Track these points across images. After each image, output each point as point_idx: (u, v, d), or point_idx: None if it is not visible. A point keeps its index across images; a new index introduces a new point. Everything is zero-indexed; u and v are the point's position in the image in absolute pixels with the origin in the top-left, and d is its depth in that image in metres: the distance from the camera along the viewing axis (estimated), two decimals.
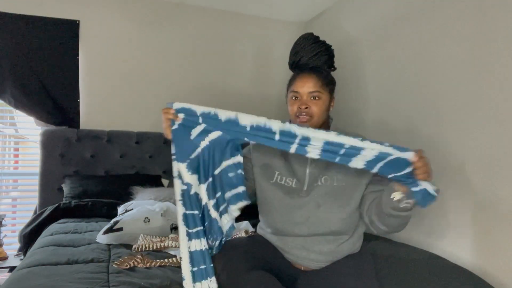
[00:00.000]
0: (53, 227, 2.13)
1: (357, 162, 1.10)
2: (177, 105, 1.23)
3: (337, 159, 1.11)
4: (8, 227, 2.80)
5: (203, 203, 1.23)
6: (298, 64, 1.40)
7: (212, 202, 1.23)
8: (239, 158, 1.22)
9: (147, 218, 1.95)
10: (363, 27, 2.58)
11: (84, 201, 2.43)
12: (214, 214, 1.23)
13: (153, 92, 3.03)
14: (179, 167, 1.21)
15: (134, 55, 2.97)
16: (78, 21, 2.80)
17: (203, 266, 1.19)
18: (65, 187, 2.60)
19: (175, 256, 1.66)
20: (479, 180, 1.70)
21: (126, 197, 2.52)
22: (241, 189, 1.22)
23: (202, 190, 1.23)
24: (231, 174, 1.22)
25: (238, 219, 2.16)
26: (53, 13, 2.72)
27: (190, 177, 1.22)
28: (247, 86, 3.32)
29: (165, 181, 2.87)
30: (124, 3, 2.94)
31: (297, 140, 1.12)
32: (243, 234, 1.85)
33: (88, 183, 2.62)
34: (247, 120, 1.16)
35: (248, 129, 1.16)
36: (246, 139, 1.19)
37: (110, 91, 2.92)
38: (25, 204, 3.04)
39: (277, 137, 1.14)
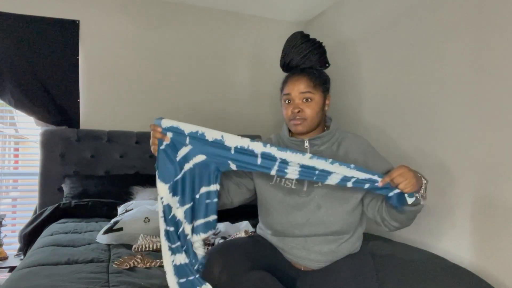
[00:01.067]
0: (53, 227, 2.13)
1: (332, 180, 1.17)
2: (166, 122, 1.22)
3: (315, 178, 1.17)
4: (8, 227, 2.80)
5: (181, 227, 1.23)
6: (289, 66, 1.39)
7: (190, 227, 1.23)
8: (216, 187, 1.23)
9: (147, 218, 1.95)
10: (363, 27, 2.58)
11: (84, 201, 2.43)
12: (193, 238, 1.23)
13: (153, 92, 3.03)
14: (161, 188, 1.22)
15: (134, 55, 2.97)
16: (78, 21, 2.80)
17: (191, 278, 1.19)
18: (65, 187, 2.60)
19: None
20: (479, 180, 1.70)
21: (126, 197, 2.52)
22: (212, 218, 1.23)
23: (179, 213, 1.23)
24: (207, 201, 1.23)
25: (238, 219, 2.18)
26: (53, 13, 2.72)
27: (171, 199, 1.23)
28: (247, 86, 3.32)
29: None
30: (124, 3, 2.94)
31: (276, 163, 1.17)
32: (243, 234, 1.85)
33: (88, 183, 2.62)
34: (232, 141, 1.19)
35: (232, 151, 1.19)
36: (230, 164, 1.20)
37: (110, 91, 2.92)
38: (25, 204, 3.04)
39: (259, 160, 1.18)
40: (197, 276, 1.19)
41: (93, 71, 2.86)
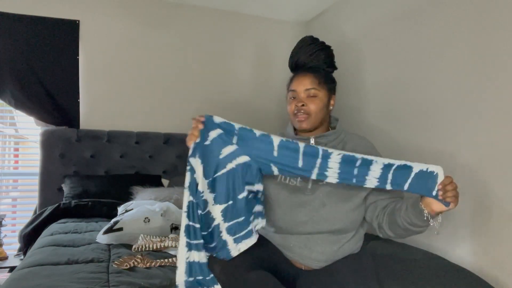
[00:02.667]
0: (53, 227, 2.13)
1: (371, 181, 1.15)
2: (217, 119, 1.22)
3: (354, 180, 1.16)
4: (8, 227, 2.80)
5: (215, 223, 1.22)
6: (297, 64, 1.41)
7: (226, 225, 1.21)
8: (260, 186, 1.24)
9: (147, 218, 1.95)
10: (363, 27, 2.58)
11: (84, 201, 2.43)
12: (226, 237, 1.21)
13: (153, 92, 3.03)
14: (201, 182, 1.21)
15: (134, 55, 2.97)
16: (78, 21, 2.80)
17: (199, 277, 1.19)
18: (65, 187, 2.60)
19: (175, 256, 1.66)
20: (479, 180, 1.70)
21: (126, 197, 2.52)
22: (259, 208, 1.25)
23: (216, 210, 1.21)
24: (253, 199, 1.23)
25: None
26: (53, 13, 2.72)
27: (208, 195, 1.22)
28: (247, 85, 3.32)
29: (165, 181, 2.87)
30: (124, 3, 2.94)
31: (318, 161, 1.16)
32: None
33: (88, 183, 2.62)
34: (277, 137, 1.19)
35: (276, 148, 1.18)
36: (272, 167, 1.20)
37: (110, 91, 2.92)
38: (25, 204, 3.04)
39: (300, 162, 1.17)
40: (208, 277, 1.19)
41: (93, 71, 2.86)
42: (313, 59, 1.38)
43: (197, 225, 1.20)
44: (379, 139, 2.26)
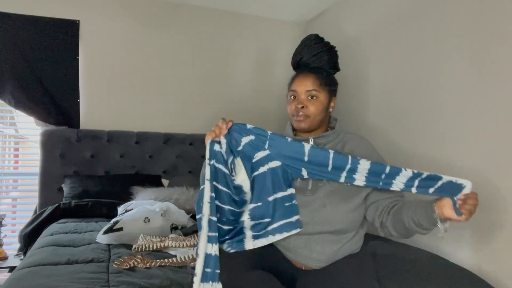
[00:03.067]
0: (53, 227, 2.13)
1: (397, 184, 1.18)
2: (250, 126, 1.29)
3: (381, 183, 1.20)
4: (8, 227, 2.80)
5: (242, 218, 1.28)
6: (299, 63, 1.40)
7: (252, 223, 1.27)
8: (292, 190, 1.29)
9: (147, 218, 1.95)
10: (363, 27, 2.58)
11: (84, 201, 2.43)
12: (248, 232, 1.28)
13: (153, 92, 3.03)
14: (246, 182, 1.29)
15: (134, 55, 2.97)
16: (78, 21, 2.80)
17: (208, 270, 1.19)
18: (65, 187, 2.60)
19: (175, 256, 1.66)
20: (479, 180, 1.70)
21: (126, 197, 2.52)
22: (295, 218, 1.27)
23: (246, 209, 1.29)
24: (287, 204, 1.27)
25: None
26: (53, 13, 2.72)
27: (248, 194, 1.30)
28: (248, 85, 3.31)
29: (165, 181, 2.87)
30: (124, 3, 2.94)
31: (347, 166, 1.21)
32: None
33: (88, 183, 2.62)
34: (307, 144, 1.26)
35: (307, 153, 1.24)
36: (302, 170, 1.25)
37: (110, 91, 2.92)
38: (25, 204, 3.04)
39: (330, 166, 1.22)
40: (216, 271, 1.19)
41: (93, 71, 2.86)
42: (316, 59, 1.37)
43: (214, 218, 1.22)
44: (379, 139, 2.26)
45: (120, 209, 2.18)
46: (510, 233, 1.56)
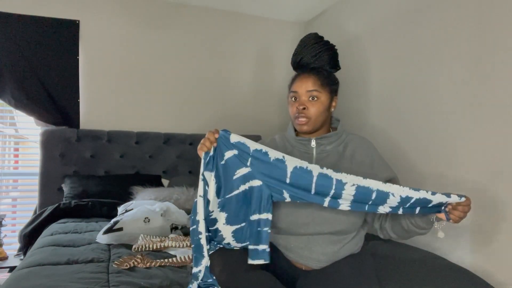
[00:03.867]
0: (53, 227, 2.13)
1: (385, 208, 1.14)
2: (234, 138, 1.20)
3: (366, 208, 1.14)
4: (8, 227, 2.80)
5: (226, 241, 1.25)
6: (300, 64, 1.40)
7: (238, 245, 1.24)
8: (268, 216, 1.20)
9: (147, 218, 1.95)
10: (363, 27, 2.58)
11: (84, 201, 2.43)
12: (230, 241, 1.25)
13: (153, 92, 3.03)
14: (212, 200, 1.22)
15: (134, 55, 2.97)
16: (78, 21, 2.80)
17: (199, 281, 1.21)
18: (65, 187, 2.60)
19: (175, 256, 1.67)
20: (479, 180, 1.70)
21: (126, 197, 2.52)
22: (262, 247, 1.19)
23: (227, 231, 1.23)
24: (258, 229, 1.21)
25: None
26: (53, 13, 2.72)
27: (218, 214, 1.23)
28: (248, 85, 3.32)
29: (165, 181, 2.87)
30: (124, 4, 2.94)
31: (331, 190, 1.13)
32: None
33: (88, 183, 2.62)
34: (291, 162, 1.16)
35: (289, 175, 1.15)
36: (284, 193, 1.18)
37: (110, 91, 2.92)
38: (25, 204, 3.04)
39: (313, 189, 1.14)
40: (209, 280, 1.20)
41: (93, 71, 2.86)
42: (317, 59, 1.36)
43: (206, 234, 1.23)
44: (380, 140, 2.27)
45: (120, 209, 2.18)
46: (509, 233, 1.56)
